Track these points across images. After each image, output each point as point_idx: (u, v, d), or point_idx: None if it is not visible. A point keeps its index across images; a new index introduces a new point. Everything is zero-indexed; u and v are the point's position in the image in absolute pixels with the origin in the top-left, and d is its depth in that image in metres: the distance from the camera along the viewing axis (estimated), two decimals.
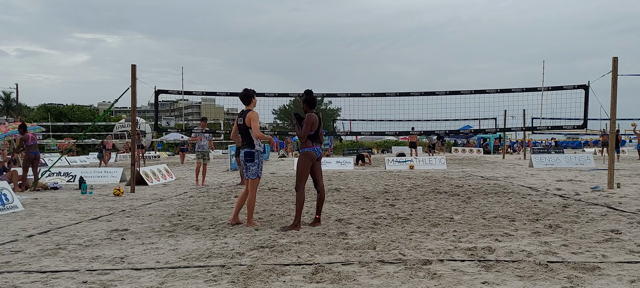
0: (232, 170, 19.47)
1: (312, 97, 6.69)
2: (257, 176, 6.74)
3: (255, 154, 6.66)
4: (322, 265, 4.52)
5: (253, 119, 6.63)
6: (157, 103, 12.92)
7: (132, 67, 11.61)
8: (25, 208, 8.64)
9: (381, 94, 12.83)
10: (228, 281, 4.09)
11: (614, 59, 11.30)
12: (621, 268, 4.38)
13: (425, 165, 20.63)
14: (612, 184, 11.20)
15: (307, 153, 6.53)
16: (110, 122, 48.81)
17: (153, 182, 13.61)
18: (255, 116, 6.67)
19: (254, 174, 6.72)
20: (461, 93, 12.56)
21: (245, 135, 6.72)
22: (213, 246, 5.47)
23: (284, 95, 13.81)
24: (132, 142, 12.16)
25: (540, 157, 21.42)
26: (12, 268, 4.59)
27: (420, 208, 8.42)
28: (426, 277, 4.15)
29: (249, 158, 6.66)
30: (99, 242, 5.77)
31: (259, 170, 6.75)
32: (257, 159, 6.68)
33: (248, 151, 6.66)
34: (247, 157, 6.66)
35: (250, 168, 6.71)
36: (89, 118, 49.52)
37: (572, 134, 49.71)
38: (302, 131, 6.50)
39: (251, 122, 6.61)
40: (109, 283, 4.08)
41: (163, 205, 9.25)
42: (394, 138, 50.46)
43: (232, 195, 10.71)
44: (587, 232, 6.08)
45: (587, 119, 11.91)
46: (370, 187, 12.47)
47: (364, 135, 21.81)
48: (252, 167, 6.70)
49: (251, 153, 6.65)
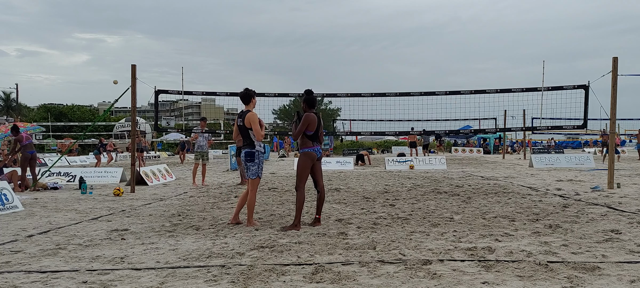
0: (232, 170, 19.46)
1: (311, 97, 6.67)
2: (257, 176, 6.75)
3: (256, 154, 6.67)
4: (322, 265, 4.52)
5: (253, 120, 6.63)
6: (157, 103, 12.92)
7: (132, 67, 11.61)
8: (25, 208, 8.64)
9: (381, 94, 12.83)
10: (228, 281, 4.09)
11: (614, 59, 11.30)
12: (621, 268, 4.38)
13: (425, 165, 20.63)
14: (612, 184, 11.21)
15: (308, 154, 6.53)
16: (110, 122, 48.87)
17: (153, 182, 13.61)
18: (254, 117, 6.66)
19: (254, 174, 6.72)
20: (461, 93, 12.55)
21: (245, 136, 6.72)
22: (213, 246, 5.47)
23: (284, 95, 13.83)
24: (132, 142, 12.16)
25: (540, 157, 21.42)
26: (12, 268, 4.59)
27: (420, 208, 8.42)
28: (426, 277, 4.15)
29: (250, 158, 6.67)
30: (99, 242, 5.77)
31: (260, 170, 6.76)
32: (257, 159, 6.69)
33: (248, 151, 6.68)
34: (248, 157, 6.68)
35: (250, 168, 6.72)
36: (89, 118, 49.51)
37: (572, 134, 49.70)
38: (297, 130, 6.50)
39: (251, 124, 6.62)
40: (109, 283, 4.08)
41: (163, 205, 9.25)
42: (394, 138, 50.46)
43: (232, 195, 10.71)
44: (587, 232, 6.08)
45: (587, 119, 11.91)
46: (370, 187, 12.47)
47: (364, 135, 21.80)
48: (252, 167, 6.70)
49: (251, 154, 6.67)
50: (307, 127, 6.46)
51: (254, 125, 6.61)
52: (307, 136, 6.51)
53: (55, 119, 46.17)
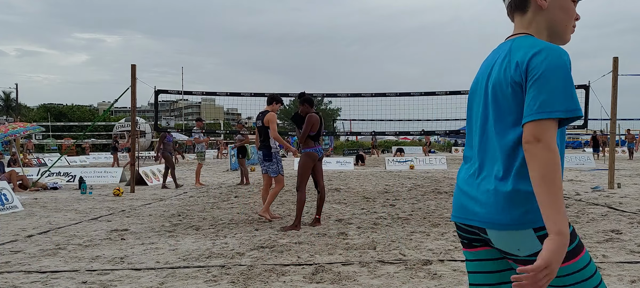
0: (232, 170, 19.46)
1: (310, 96, 6.74)
2: (279, 173, 7.04)
3: (273, 154, 6.97)
4: (322, 265, 4.52)
5: (271, 120, 6.93)
6: (157, 103, 12.90)
7: (132, 67, 11.60)
8: (25, 209, 8.63)
9: (381, 94, 12.82)
10: (228, 281, 4.08)
11: (614, 59, 11.29)
12: (621, 268, 4.37)
13: (425, 165, 20.63)
14: (612, 184, 11.20)
15: (309, 154, 6.53)
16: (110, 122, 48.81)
17: (153, 182, 13.60)
18: (273, 118, 6.95)
19: (274, 172, 7.04)
20: (461, 93, 12.52)
21: (263, 136, 6.98)
22: (213, 246, 5.47)
23: (284, 95, 13.78)
24: (132, 142, 12.15)
25: None
26: (12, 268, 4.59)
27: (421, 208, 8.42)
28: (426, 277, 4.14)
29: (267, 158, 6.98)
30: (98, 242, 5.76)
31: (280, 168, 7.02)
32: (274, 158, 6.97)
33: (266, 151, 6.97)
34: (265, 157, 6.98)
35: (270, 167, 7.04)
36: (88, 118, 49.49)
37: (572, 134, 49.68)
38: (302, 131, 6.52)
39: (269, 123, 6.89)
40: (108, 283, 4.07)
41: (163, 205, 9.24)
42: (394, 138, 50.47)
43: (232, 196, 10.71)
44: (587, 232, 6.07)
45: (588, 118, 11.90)
46: (370, 187, 12.46)
47: (364, 135, 21.78)
48: (271, 166, 7.01)
49: (269, 153, 6.96)
50: (311, 128, 6.49)
51: (271, 125, 6.87)
52: (310, 136, 6.53)
53: (55, 118, 46.14)
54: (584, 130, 14.25)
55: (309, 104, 6.66)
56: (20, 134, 15.50)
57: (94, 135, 43.03)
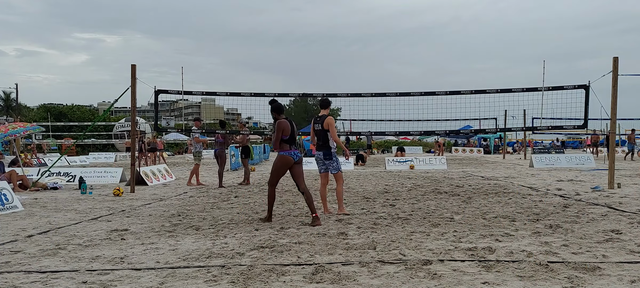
0: (232, 170, 19.45)
1: (278, 104, 7.17)
2: (339, 170, 7.70)
3: (333, 153, 7.61)
4: (322, 265, 4.52)
5: (331, 124, 7.49)
6: (157, 103, 12.90)
7: (132, 67, 11.60)
8: (25, 209, 8.63)
9: (381, 94, 12.80)
10: (228, 281, 4.09)
11: (614, 59, 11.29)
12: (621, 268, 4.37)
13: (425, 165, 20.62)
14: (612, 184, 11.19)
15: (282, 157, 6.93)
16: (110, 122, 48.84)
17: (153, 182, 13.61)
18: (332, 121, 7.53)
19: (335, 169, 7.66)
20: (461, 93, 12.51)
21: (323, 138, 7.55)
22: (213, 246, 5.47)
23: (284, 95, 13.83)
24: (131, 142, 12.15)
25: (540, 157, 21.41)
26: (12, 268, 4.59)
27: (421, 208, 8.42)
28: (426, 277, 4.14)
29: (328, 157, 7.61)
30: (98, 242, 5.76)
31: (339, 164, 7.71)
32: (334, 157, 7.63)
33: (326, 152, 7.59)
34: (326, 157, 7.60)
35: (331, 165, 7.65)
36: (88, 118, 49.47)
37: (572, 134, 49.67)
38: (274, 138, 6.97)
39: (329, 127, 7.47)
40: (108, 284, 4.07)
41: (163, 205, 9.24)
42: (394, 138, 50.48)
43: (232, 195, 10.70)
44: (587, 232, 6.07)
45: (588, 118, 11.89)
46: (370, 187, 12.46)
47: (364, 135, 21.78)
48: (332, 163, 7.64)
49: (329, 153, 7.60)
50: (282, 133, 6.87)
51: (331, 128, 7.48)
52: (283, 140, 6.92)
53: (55, 119, 46.09)
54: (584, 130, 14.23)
55: (277, 112, 7.09)
56: (20, 134, 15.49)
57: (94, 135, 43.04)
